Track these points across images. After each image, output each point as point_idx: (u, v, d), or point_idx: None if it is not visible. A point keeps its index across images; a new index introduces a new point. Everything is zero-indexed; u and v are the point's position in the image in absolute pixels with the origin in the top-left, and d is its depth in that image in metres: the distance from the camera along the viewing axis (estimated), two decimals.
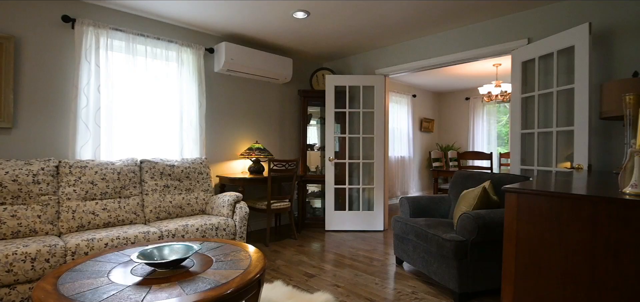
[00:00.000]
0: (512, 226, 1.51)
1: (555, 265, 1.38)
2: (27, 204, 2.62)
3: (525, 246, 1.47)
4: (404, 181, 7.27)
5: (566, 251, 1.35)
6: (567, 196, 1.34)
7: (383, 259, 3.46)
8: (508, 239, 1.52)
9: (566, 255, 1.35)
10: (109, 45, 3.30)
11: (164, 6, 3.37)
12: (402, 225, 3.06)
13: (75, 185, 2.85)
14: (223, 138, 4.32)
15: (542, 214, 1.42)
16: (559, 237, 1.37)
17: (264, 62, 4.31)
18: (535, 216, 1.44)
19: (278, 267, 3.21)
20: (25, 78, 2.96)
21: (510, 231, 1.51)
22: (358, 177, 4.93)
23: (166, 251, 1.91)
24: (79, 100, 3.11)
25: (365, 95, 4.81)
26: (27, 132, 2.97)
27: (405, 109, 7.26)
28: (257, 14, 3.54)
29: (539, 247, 1.43)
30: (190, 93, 3.85)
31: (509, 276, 1.53)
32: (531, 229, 1.45)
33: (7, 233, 2.47)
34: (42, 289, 1.53)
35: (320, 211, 5.22)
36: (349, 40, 4.40)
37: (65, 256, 2.33)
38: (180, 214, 3.37)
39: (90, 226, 2.82)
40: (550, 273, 1.39)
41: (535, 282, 1.44)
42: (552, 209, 1.38)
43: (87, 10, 3.25)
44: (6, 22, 2.86)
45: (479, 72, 6.23)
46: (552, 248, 1.39)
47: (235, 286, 1.59)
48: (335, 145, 4.72)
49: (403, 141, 7.24)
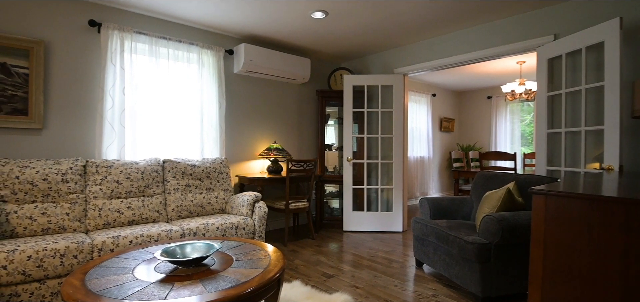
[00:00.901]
0: (539, 229, 1.45)
1: (586, 270, 1.32)
2: (57, 202, 2.73)
3: (554, 250, 1.41)
4: (423, 181, 7.17)
5: (597, 256, 1.29)
6: (598, 199, 1.28)
7: (402, 261, 3.41)
8: (535, 243, 1.47)
9: (597, 260, 1.29)
10: (133, 48, 3.40)
11: (186, 9, 3.44)
12: (422, 226, 3.01)
13: (102, 184, 2.95)
14: (242, 138, 4.38)
15: (571, 217, 1.36)
16: (590, 241, 1.31)
17: (282, 62, 4.34)
18: (565, 219, 1.38)
19: (296, 267, 3.22)
20: (55, 81, 3.08)
21: (538, 235, 1.46)
22: (376, 177, 4.88)
23: (188, 249, 1.95)
24: (105, 102, 3.22)
25: (383, 95, 4.77)
26: (56, 133, 3.09)
27: (425, 109, 7.15)
28: (276, 15, 3.56)
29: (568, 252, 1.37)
30: (211, 94, 3.92)
31: (536, 281, 1.48)
32: (560, 232, 1.39)
33: (38, 230, 2.58)
34: (70, 284, 1.59)
35: (338, 211, 5.21)
36: (367, 40, 4.37)
37: (92, 253, 2.42)
38: (201, 212, 3.43)
39: (115, 224, 2.92)
40: (580, 279, 1.33)
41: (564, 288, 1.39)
42: (583, 212, 1.32)
43: (113, 15, 3.36)
44: (36, 27, 2.99)
45: (501, 70, 6.07)
46: (582, 253, 1.33)
47: (255, 285, 1.60)
48: (353, 145, 4.70)
49: (422, 141, 7.13)
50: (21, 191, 2.60)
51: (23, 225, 2.53)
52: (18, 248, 2.17)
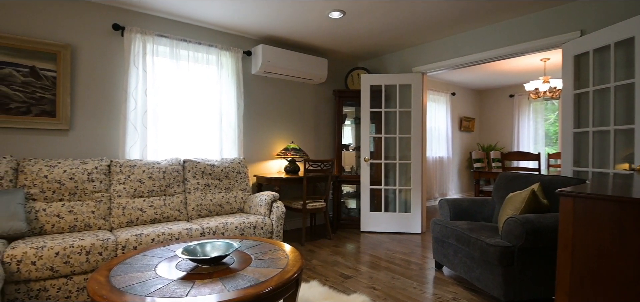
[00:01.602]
0: (567, 233, 1.40)
1: (616, 276, 1.26)
2: (83, 201, 2.83)
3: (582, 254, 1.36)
4: (442, 182, 7.04)
5: (628, 261, 1.23)
6: (631, 201, 1.22)
7: (421, 263, 3.36)
8: (563, 247, 1.42)
9: (629, 265, 1.23)
10: (155, 51, 3.48)
11: (205, 12, 3.50)
12: (442, 228, 2.95)
13: (125, 183, 3.04)
14: (260, 139, 4.42)
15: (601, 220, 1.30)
16: (621, 246, 1.25)
17: (300, 63, 4.35)
18: (594, 222, 1.32)
19: (314, 267, 3.22)
20: (81, 83, 3.19)
21: (565, 238, 1.40)
22: (394, 178, 4.83)
23: (208, 247, 1.97)
24: (128, 103, 3.31)
25: (401, 94, 4.71)
26: (82, 133, 3.20)
27: (444, 108, 7.03)
28: (294, 15, 3.58)
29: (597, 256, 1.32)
30: (229, 95, 3.97)
31: (563, 286, 1.42)
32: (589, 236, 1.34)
33: (65, 227, 2.68)
34: (96, 280, 1.64)
35: (355, 211, 5.18)
36: (385, 39, 4.32)
37: (116, 250, 2.49)
38: (220, 212, 3.48)
39: (138, 222, 2.99)
40: (610, 284, 1.27)
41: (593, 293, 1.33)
42: (614, 215, 1.26)
43: (135, 18, 3.45)
44: (63, 32, 3.11)
45: (524, 67, 5.89)
46: (612, 257, 1.27)
47: (274, 285, 1.61)
48: (370, 145, 4.67)
49: (441, 141, 7.01)
50: (49, 189, 2.70)
51: (51, 222, 2.63)
52: (46, 245, 2.26)
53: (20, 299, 2.15)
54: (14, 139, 2.90)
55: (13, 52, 2.86)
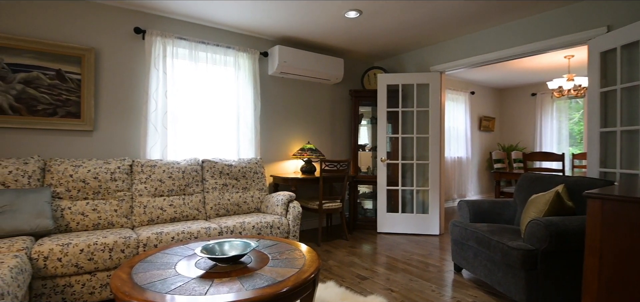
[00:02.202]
0: (595, 236, 1.34)
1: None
2: (106, 199, 2.91)
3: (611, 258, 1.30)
4: (461, 183, 6.91)
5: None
6: None
7: (439, 265, 3.30)
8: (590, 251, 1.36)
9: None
10: (175, 53, 3.56)
11: (224, 15, 3.55)
12: (461, 230, 2.89)
13: (146, 182, 3.11)
14: (276, 139, 4.44)
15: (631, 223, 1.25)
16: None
17: (316, 63, 4.35)
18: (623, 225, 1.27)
19: (330, 268, 3.21)
20: (104, 85, 3.29)
21: (593, 242, 1.35)
22: (411, 178, 4.77)
23: (226, 246, 2.00)
24: (149, 104, 3.39)
25: (419, 94, 4.65)
26: (105, 134, 3.30)
27: (463, 107, 6.89)
28: (310, 16, 3.58)
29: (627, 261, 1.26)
30: (246, 96, 4.01)
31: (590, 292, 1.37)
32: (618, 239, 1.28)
33: (89, 225, 2.76)
34: (118, 277, 1.68)
35: (372, 212, 5.14)
36: (402, 37, 4.28)
37: (137, 247, 2.55)
38: (238, 211, 3.52)
39: (158, 220, 3.06)
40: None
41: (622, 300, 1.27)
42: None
43: (156, 22, 3.53)
44: (88, 36, 3.21)
45: (547, 65, 5.71)
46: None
47: (291, 285, 1.61)
48: (387, 145, 4.62)
49: (460, 141, 6.87)
50: (74, 188, 2.80)
51: (76, 220, 2.72)
52: (72, 242, 2.33)
53: (46, 295, 2.23)
54: (41, 139, 3.02)
55: (40, 56, 2.97)
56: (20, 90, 2.90)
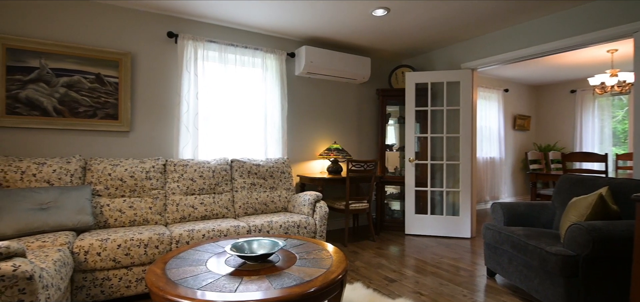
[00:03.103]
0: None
1: None
2: (141, 197, 3.04)
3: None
4: (493, 184, 6.65)
5: None
6: None
7: (471, 269, 3.19)
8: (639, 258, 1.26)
9: None
10: (205, 56, 3.65)
11: (252, 17, 3.61)
12: (494, 233, 2.78)
13: (179, 181, 3.21)
14: (303, 139, 4.46)
15: None
16: None
17: (342, 63, 4.34)
18: None
19: (357, 269, 3.18)
20: (139, 88, 3.44)
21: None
22: (441, 179, 4.65)
23: (255, 245, 2.02)
24: (182, 106, 3.50)
25: (449, 92, 4.52)
26: (141, 134, 3.44)
27: (496, 106, 6.63)
28: (337, 15, 3.57)
29: None
30: (274, 96, 4.06)
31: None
32: None
33: (126, 222, 2.89)
34: (153, 272, 1.74)
35: (399, 213, 5.05)
36: (432, 34, 4.17)
37: (170, 244, 2.64)
38: (265, 210, 3.57)
39: (190, 218, 3.15)
40: None
41: None
42: None
43: (188, 26, 3.65)
44: (124, 41, 3.36)
45: (588, 60, 5.39)
46: None
47: (319, 285, 1.60)
48: (415, 145, 4.52)
49: (493, 141, 6.62)
50: (112, 186, 2.94)
51: (114, 217, 2.85)
52: (110, 237, 2.45)
53: (86, 287, 2.36)
54: (82, 140, 3.19)
55: (81, 61, 3.14)
56: (63, 94, 3.08)
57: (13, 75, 2.90)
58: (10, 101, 2.89)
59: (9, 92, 2.89)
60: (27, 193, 2.49)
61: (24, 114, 2.95)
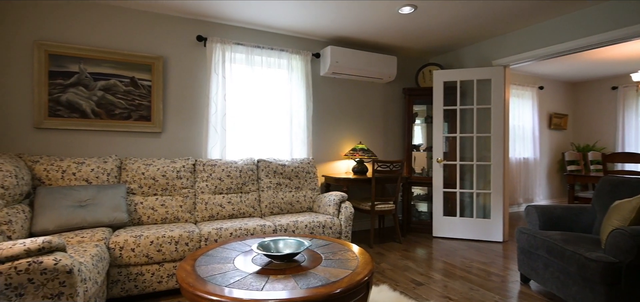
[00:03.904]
0: None
1: None
2: (172, 196, 3.14)
3: None
4: (527, 186, 6.37)
5: None
6: None
7: (503, 275, 3.07)
8: None
9: None
10: (232, 58, 3.73)
11: (277, 19, 3.64)
12: (529, 237, 2.66)
13: (207, 180, 3.30)
14: (328, 139, 4.46)
15: None
16: None
17: (368, 62, 4.29)
18: None
19: (383, 271, 3.14)
20: (170, 91, 3.56)
21: None
22: (471, 180, 4.50)
23: (281, 244, 2.04)
24: (210, 107, 3.59)
25: (479, 90, 4.37)
26: (172, 135, 3.56)
27: (530, 104, 6.35)
28: (362, 14, 3.54)
29: None
30: (299, 97, 4.08)
31: None
32: None
33: (158, 219, 3.00)
34: (183, 269, 1.79)
35: (427, 215, 4.94)
36: (460, 31, 4.05)
37: (200, 241, 2.71)
38: (291, 210, 3.59)
39: (218, 217, 3.23)
40: None
41: None
42: None
43: (216, 29, 3.74)
44: (157, 45, 3.49)
45: (631, 54, 5.05)
46: None
47: (344, 286, 1.59)
48: (443, 145, 4.41)
49: (526, 140, 6.34)
50: (146, 185, 3.06)
51: (147, 214, 2.97)
52: (143, 234, 2.55)
53: (121, 281, 2.46)
54: (117, 140, 3.34)
55: (117, 65, 3.29)
56: (101, 97, 3.24)
57: (55, 80, 3.08)
58: (52, 104, 3.08)
59: (51, 96, 3.07)
60: (67, 191, 2.64)
61: (65, 116, 3.12)
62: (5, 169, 2.29)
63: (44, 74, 3.04)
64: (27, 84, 3.04)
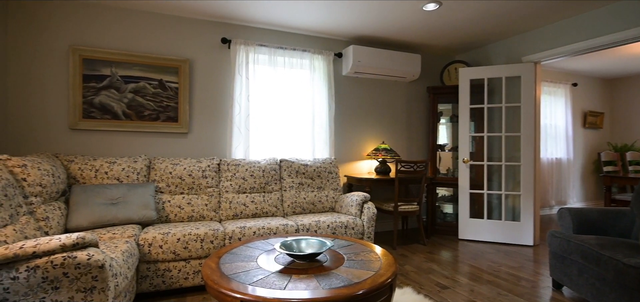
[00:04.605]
0: None
1: None
2: (198, 195, 3.22)
3: None
4: (560, 188, 6.08)
5: None
6: None
7: (534, 280, 2.94)
8: None
9: None
10: (255, 60, 3.78)
11: (300, 19, 3.66)
12: (562, 242, 2.53)
13: (231, 180, 3.36)
14: (350, 139, 4.43)
15: None
16: None
17: (391, 61, 4.23)
18: None
19: (407, 273, 3.08)
20: (196, 92, 3.65)
21: None
22: (499, 181, 4.35)
23: (303, 244, 2.04)
24: (234, 108, 3.65)
25: (508, 88, 4.22)
26: (197, 136, 3.65)
27: (562, 101, 6.06)
28: (385, 12, 3.49)
29: None
30: (321, 97, 4.08)
31: None
32: None
33: (185, 217, 3.08)
34: (208, 266, 1.83)
35: (452, 216, 4.82)
36: (487, 27, 3.92)
37: (224, 239, 2.76)
38: (313, 210, 3.60)
39: (241, 215, 3.28)
40: None
41: None
42: None
43: (240, 31, 3.80)
44: (183, 48, 3.59)
45: None
46: None
47: (367, 287, 1.57)
48: (470, 145, 4.28)
49: (559, 140, 6.05)
50: (173, 184, 3.15)
51: (174, 212, 3.05)
52: (171, 231, 2.62)
53: (150, 277, 2.55)
54: (146, 141, 3.46)
55: (146, 69, 3.41)
56: (131, 99, 3.37)
57: (88, 83, 3.23)
58: (86, 106, 3.23)
59: (85, 98, 3.22)
60: (100, 189, 2.75)
61: (98, 117, 3.27)
62: (43, 168, 2.42)
63: (78, 77, 3.19)
64: (63, 87, 3.20)
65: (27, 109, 3.11)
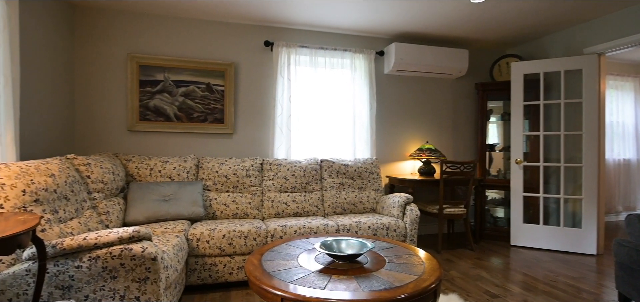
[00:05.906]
0: None
1: None
2: (242, 193, 3.33)
3: None
4: (628, 192, 5.49)
5: None
6: None
7: (597, 292, 2.67)
8: None
9: None
10: (297, 61, 3.83)
11: (341, 19, 3.65)
12: (630, 251, 2.28)
13: (273, 179, 3.43)
14: (392, 139, 4.34)
15: None
16: None
17: (435, 57, 4.08)
18: None
19: (452, 279, 2.95)
20: (241, 94, 3.77)
21: None
22: (557, 184, 4.02)
23: (343, 244, 2.03)
24: (276, 109, 3.73)
25: (568, 82, 3.88)
26: (242, 136, 3.78)
27: (631, 97, 5.47)
28: (429, 8, 3.37)
29: None
30: (362, 96, 4.04)
31: None
32: None
33: (230, 214, 3.20)
34: (251, 263, 1.88)
35: (503, 221, 4.53)
36: (542, 17, 3.63)
37: (266, 237, 2.83)
38: (353, 210, 3.57)
39: (283, 214, 3.34)
40: None
41: None
42: None
43: (281, 34, 3.87)
44: (228, 52, 3.73)
45: None
46: None
47: (409, 292, 1.52)
48: (523, 145, 4.00)
49: (627, 139, 5.47)
50: (219, 182, 3.28)
51: (220, 209, 3.18)
52: (217, 227, 2.74)
53: (198, 270, 2.67)
54: (195, 141, 3.65)
55: (195, 73, 3.59)
56: (181, 102, 3.57)
57: (144, 88, 3.47)
58: (142, 109, 3.47)
59: (141, 102, 3.46)
60: (154, 186, 2.95)
61: (152, 119, 3.50)
62: (104, 167, 2.64)
63: (135, 82, 3.44)
64: (122, 92, 3.47)
65: (91, 112, 3.41)
